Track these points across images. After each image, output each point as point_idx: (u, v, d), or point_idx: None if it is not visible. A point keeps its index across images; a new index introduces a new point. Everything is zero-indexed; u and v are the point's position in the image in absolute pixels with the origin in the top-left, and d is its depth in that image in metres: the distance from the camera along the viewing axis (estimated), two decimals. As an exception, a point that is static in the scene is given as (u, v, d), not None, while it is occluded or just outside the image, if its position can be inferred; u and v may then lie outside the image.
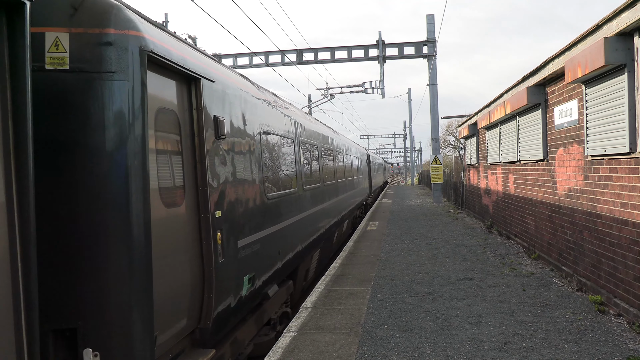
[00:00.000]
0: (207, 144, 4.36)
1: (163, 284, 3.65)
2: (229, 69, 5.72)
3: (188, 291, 4.06)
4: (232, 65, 25.22)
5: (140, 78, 3.42)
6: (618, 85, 5.64)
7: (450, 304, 6.44)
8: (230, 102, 5.11)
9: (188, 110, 4.26)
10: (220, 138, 4.65)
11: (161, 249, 3.64)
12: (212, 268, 4.28)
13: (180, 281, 3.93)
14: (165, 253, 3.72)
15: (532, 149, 9.18)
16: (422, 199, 28.17)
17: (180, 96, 4.16)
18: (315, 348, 5.05)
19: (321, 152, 10.84)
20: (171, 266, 3.81)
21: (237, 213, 4.99)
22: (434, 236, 12.59)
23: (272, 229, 6.20)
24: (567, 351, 4.74)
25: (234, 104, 5.22)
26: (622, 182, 5.62)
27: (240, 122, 5.36)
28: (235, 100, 5.28)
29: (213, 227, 4.33)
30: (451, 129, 62.26)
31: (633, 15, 4.97)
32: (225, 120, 4.84)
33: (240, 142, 5.29)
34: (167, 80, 3.98)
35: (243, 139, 5.39)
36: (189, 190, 4.15)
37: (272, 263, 6.15)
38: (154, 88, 3.72)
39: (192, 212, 4.18)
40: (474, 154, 16.04)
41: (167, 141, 3.92)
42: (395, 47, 24.16)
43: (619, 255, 5.73)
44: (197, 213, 4.26)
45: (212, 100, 4.56)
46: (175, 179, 3.96)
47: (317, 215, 9.45)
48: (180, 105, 4.13)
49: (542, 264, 8.65)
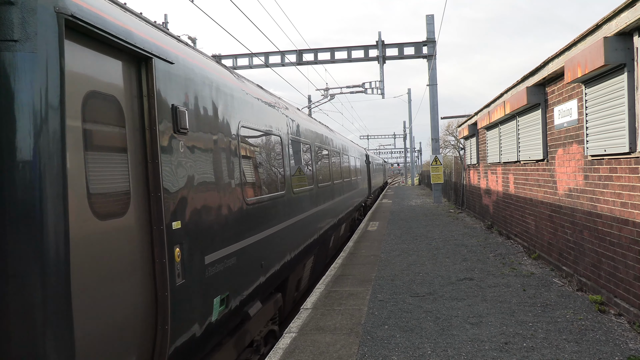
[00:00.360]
0: (162, 139, 3.59)
1: (94, 319, 2.86)
2: (197, 51, 4.86)
3: (134, 324, 3.25)
4: (232, 66, 25.23)
5: (58, 50, 2.63)
6: (618, 84, 5.64)
7: (450, 304, 6.44)
8: (196, 90, 4.29)
9: (137, 98, 3.48)
10: (180, 132, 3.86)
11: (90, 274, 2.85)
12: (166, 293, 3.46)
13: (121, 313, 3.12)
14: (98, 278, 2.91)
15: (532, 149, 9.18)
16: (422, 199, 28.17)
17: (126, 79, 3.37)
18: (315, 349, 5.05)
19: (315, 152, 9.96)
20: (107, 295, 2.98)
21: (204, 223, 4.19)
22: (434, 236, 12.59)
23: (254, 239, 5.40)
24: (567, 351, 4.74)
25: (202, 92, 4.41)
26: (622, 182, 5.62)
27: (210, 114, 4.53)
28: (204, 87, 4.46)
29: (169, 242, 3.56)
30: (451, 129, 62.26)
31: (633, 15, 4.98)
32: (189, 111, 4.05)
33: (211, 138, 4.46)
34: (104, 58, 3.15)
35: (214, 135, 4.55)
36: (137, 197, 3.35)
37: (253, 278, 5.33)
38: (82, 66, 2.96)
39: (140, 224, 3.38)
40: (474, 154, 16.03)
41: (104, 135, 3.10)
42: (395, 48, 24.18)
43: (619, 255, 5.73)
44: (148, 225, 3.46)
45: (169, 85, 3.78)
46: (115, 182, 3.16)
47: (310, 220, 8.64)
48: (125, 90, 3.34)
49: (543, 264, 8.64)
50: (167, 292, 3.48)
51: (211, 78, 4.69)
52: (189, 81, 4.17)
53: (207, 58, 5.03)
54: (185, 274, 3.77)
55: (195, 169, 4.11)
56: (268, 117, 6.51)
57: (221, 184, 4.61)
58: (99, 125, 3.07)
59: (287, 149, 7.41)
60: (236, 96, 5.32)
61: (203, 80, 4.48)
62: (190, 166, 4.00)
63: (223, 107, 4.88)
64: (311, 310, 6.42)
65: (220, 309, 4.44)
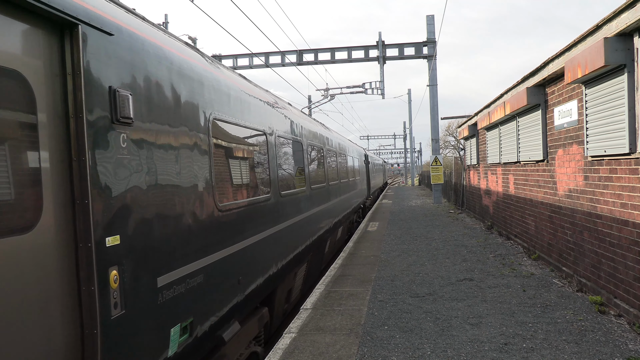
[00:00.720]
0: (93, 130, 2.82)
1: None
2: (157, 27, 4.02)
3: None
4: (232, 66, 25.23)
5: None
6: (618, 85, 5.64)
7: (450, 304, 6.44)
8: (148, 71, 3.48)
9: (60, 76, 2.72)
10: (121, 122, 3.07)
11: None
12: (95, 330, 2.74)
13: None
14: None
15: (532, 149, 9.17)
16: (422, 199, 28.17)
17: (40, 51, 2.62)
18: (315, 349, 5.04)
19: (308, 151, 9.12)
20: (5, 341, 2.27)
21: (156, 236, 3.39)
22: (434, 237, 12.59)
23: (229, 251, 4.60)
24: (567, 352, 4.73)
25: (157, 74, 3.59)
26: (622, 183, 5.61)
27: (169, 102, 3.72)
28: (160, 69, 3.64)
29: (101, 263, 2.81)
30: (451, 130, 62.30)
31: (633, 16, 4.98)
32: (135, 97, 3.27)
33: (169, 131, 3.65)
34: (1, 21, 2.41)
35: (175, 127, 3.75)
36: (54, 206, 2.62)
37: (227, 297, 4.55)
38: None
39: (58, 242, 2.64)
40: (474, 154, 16.03)
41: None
42: (395, 48, 24.19)
43: (619, 256, 5.73)
44: (72, 242, 2.72)
45: (106, 62, 3.00)
46: (18, 187, 2.45)
47: (302, 225, 7.83)
48: (36, 65, 2.58)
49: (542, 265, 8.64)
50: (97, 328, 2.74)
51: (171, 59, 3.86)
52: (137, 59, 3.36)
53: (169, 36, 4.17)
54: (127, 302, 3.03)
55: (145, 169, 3.31)
56: (250, 110, 5.69)
57: (184, 188, 3.81)
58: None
59: (274, 147, 6.55)
60: (207, 84, 4.49)
61: (159, 60, 3.66)
62: (136, 165, 3.20)
63: (188, 94, 4.06)
64: (311, 310, 6.41)
65: (182, 340, 3.69)
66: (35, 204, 2.51)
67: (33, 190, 2.51)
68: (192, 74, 4.19)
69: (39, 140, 2.55)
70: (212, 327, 4.24)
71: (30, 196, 2.50)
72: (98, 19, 2.96)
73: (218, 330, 4.41)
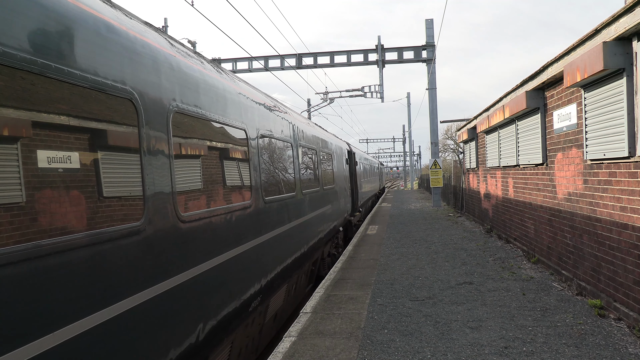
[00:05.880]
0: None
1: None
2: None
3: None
4: (232, 69, 25.27)
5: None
6: (617, 89, 5.66)
7: (450, 308, 6.44)
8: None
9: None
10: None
11: None
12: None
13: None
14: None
15: (532, 153, 9.19)
16: (421, 202, 28.17)
17: None
18: (315, 353, 5.04)
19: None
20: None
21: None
22: (434, 240, 12.59)
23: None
24: (567, 355, 4.73)
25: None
26: (622, 186, 5.62)
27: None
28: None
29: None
30: (450, 133, 62.35)
31: (631, 20, 5.00)
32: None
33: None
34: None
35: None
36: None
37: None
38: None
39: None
40: (474, 158, 16.05)
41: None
42: (395, 52, 24.24)
43: (618, 259, 5.73)
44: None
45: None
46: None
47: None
48: None
49: (542, 268, 8.64)
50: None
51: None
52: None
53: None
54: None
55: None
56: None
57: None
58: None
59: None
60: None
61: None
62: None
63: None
64: (311, 314, 6.41)
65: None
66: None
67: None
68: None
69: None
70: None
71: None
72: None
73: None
